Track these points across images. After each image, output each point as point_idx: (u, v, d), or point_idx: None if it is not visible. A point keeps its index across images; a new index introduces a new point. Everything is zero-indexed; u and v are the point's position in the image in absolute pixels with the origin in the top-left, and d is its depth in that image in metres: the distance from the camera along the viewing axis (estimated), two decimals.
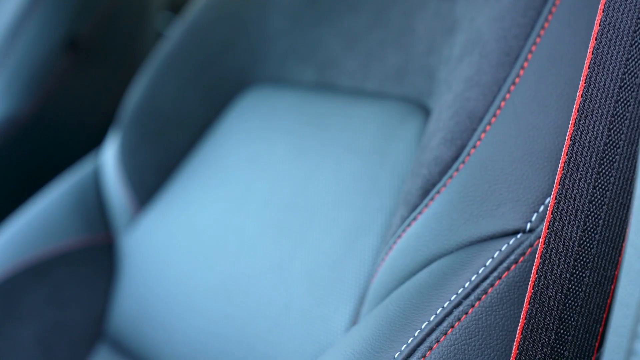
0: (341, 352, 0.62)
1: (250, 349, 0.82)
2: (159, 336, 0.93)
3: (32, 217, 1.08)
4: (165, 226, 0.99)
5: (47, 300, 1.04)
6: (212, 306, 0.88)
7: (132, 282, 1.00)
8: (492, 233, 0.63)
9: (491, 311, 0.61)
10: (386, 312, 0.63)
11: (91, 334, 1.06)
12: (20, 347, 1.03)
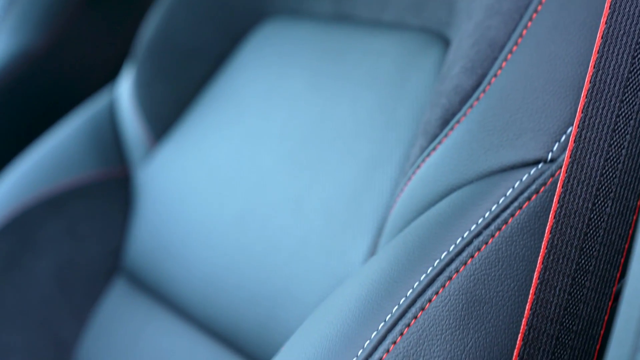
0: (359, 282, 0.61)
1: (266, 282, 0.81)
2: (175, 269, 0.93)
3: (47, 150, 1.08)
4: (180, 159, 0.98)
5: (63, 234, 1.04)
6: (228, 239, 0.87)
7: (148, 216, 1.00)
8: (513, 163, 0.63)
9: (511, 241, 0.60)
10: (405, 243, 0.63)
11: (107, 268, 1.06)
12: (36, 280, 1.04)
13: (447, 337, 0.58)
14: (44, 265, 1.04)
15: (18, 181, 1.06)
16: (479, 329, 0.58)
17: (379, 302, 0.59)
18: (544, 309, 0.57)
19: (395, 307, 0.58)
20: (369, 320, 0.58)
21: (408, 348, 0.57)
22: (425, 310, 0.58)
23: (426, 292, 0.59)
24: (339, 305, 0.61)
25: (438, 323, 0.58)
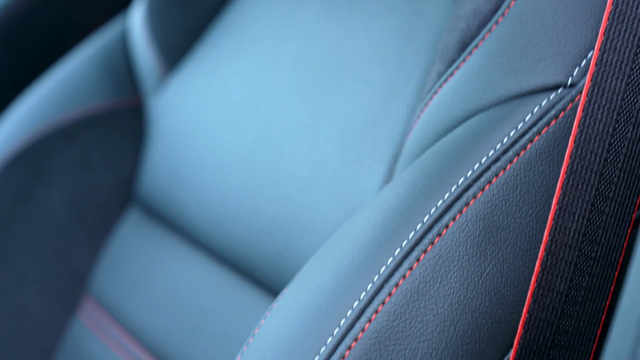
0: (375, 207, 0.61)
1: (280, 211, 0.81)
2: (188, 199, 0.92)
3: (60, 80, 1.07)
4: (194, 89, 0.97)
5: (76, 163, 1.04)
6: (242, 168, 0.87)
7: (162, 145, 0.99)
8: (532, 88, 0.61)
9: (530, 167, 0.59)
10: (421, 169, 0.62)
11: (121, 197, 1.06)
12: (50, 210, 1.03)
13: (464, 263, 0.57)
14: (57, 195, 1.03)
15: (30, 111, 1.05)
16: (496, 256, 0.58)
17: (395, 228, 0.58)
18: (562, 235, 0.56)
19: (412, 233, 0.58)
20: (385, 246, 0.58)
21: (424, 274, 0.57)
22: (442, 237, 0.57)
23: (443, 218, 0.58)
24: (354, 231, 0.60)
25: (455, 249, 0.57)
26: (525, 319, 0.56)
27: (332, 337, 0.56)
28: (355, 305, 0.56)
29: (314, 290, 0.58)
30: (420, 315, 0.56)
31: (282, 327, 0.58)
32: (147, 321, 0.93)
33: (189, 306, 0.89)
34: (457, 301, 0.56)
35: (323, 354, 0.55)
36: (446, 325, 0.56)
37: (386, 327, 0.55)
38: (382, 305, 0.56)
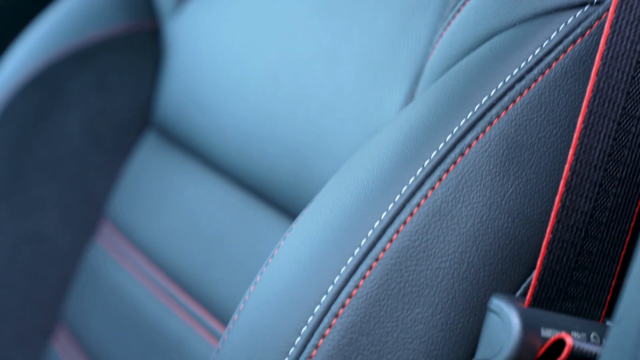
0: (397, 127, 0.60)
1: (300, 132, 0.80)
2: (206, 122, 0.91)
3: (76, 3, 1.06)
4: (211, 11, 0.96)
5: (93, 87, 1.03)
6: (260, 90, 0.86)
7: (179, 69, 0.98)
8: (558, 5, 0.60)
9: (555, 86, 0.58)
10: (444, 88, 0.61)
11: (138, 121, 1.05)
12: (67, 133, 1.03)
13: (487, 183, 0.56)
14: (74, 118, 1.03)
15: (47, 34, 1.04)
16: (519, 176, 0.57)
17: (417, 147, 0.58)
18: (587, 155, 0.56)
19: (434, 152, 0.57)
20: (407, 166, 0.57)
21: (447, 194, 0.56)
22: (465, 156, 0.57)
23: (466, 138, 0.57)
24: (375, 151, 0.59)
25: (478, 169, 0.56)
26: (548, 239, 0.55)
27: (352, 257, 0.55)
28: (376, 225, 0.56)
29: (334, 210, 0.58)
30: (442, 236, 0.55)
31: (302, 248, 0.58)
32: (164, 245, 0.93)
33: (207, 230, 0.88)
34: (480, 221, 0.56)
35: (344, 273, 0.55)
36: (468, 245, 0.55)
37: (407, 247, 0.55)
38: (403, 225, 0.55)
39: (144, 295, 0.93)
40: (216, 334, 0.83)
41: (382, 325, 0.54)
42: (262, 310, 0.57)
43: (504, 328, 0.52)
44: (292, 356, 0.54)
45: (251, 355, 0.55)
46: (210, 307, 0.84)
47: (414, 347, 0.54)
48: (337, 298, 0.54)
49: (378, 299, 0.54)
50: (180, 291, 0.89)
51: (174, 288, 0.90)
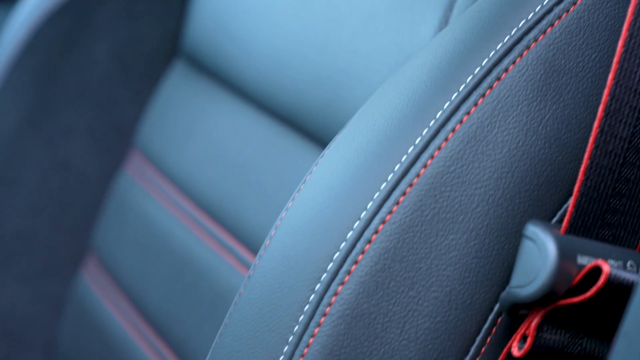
0: (431, 52, 0.59)
1: (330, 61, 0.79)
2: (236, 50, 0.90)
3: None
4: None
5: (121, 15, 1.02)
6: (291, 16, 0.84)
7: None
8: None
9: (594, 9, 0.57)
10: (480, 12, 0.59)
11: (167, 50, 1.04)
12: (95, 61, 1.02)
13: (524, 108, 0.55)
14: (102, 46, 1.02)
15: None
16: (557, 101, 0.56)
17: (452, 71, 0.56)
18: (627, 80, 0.54)
19: (470, 77, 0.56)
20: (442, 91, 0.56)
21: (482, 119, 0.55)
22: (501, 81, 0.55)
23: (503, 62, 0.56)
24: (409, 76, 0.58)
25: (514, 94, 0.55)
26: (586, 165, 0.54)
27: (386, 183, 0.54)
28: (410, 150, 0.55)
29: (367, 136, 0.57)
30: (477, 162, 0.54)
31: (334, 173, 0.57)
32: (193, 173, 0.92)
33: (236, 158, 0.88)
34: (516, 147, 0.55)
35: (377, 199, 0.54)
36: (504, 171, 0.55)
37: (442, 173, 0.54)
38: (438, 151, 0.54)
39: (173, 223, 0.93)
40: (245, 262, 0.82)
41: (416, 252, 0.53)
42: (293, 236, 0.56)
43: (540, 255, 0.52)
44: (324, 282, 0.53)
45: (283, 281, 0.55)
46: (239, 236, 0.84)
47: (447, 274, 0.53)
48: (370, 224, 0.54)
49: (412, 225, 0.53)
50: (209, 220, 0.89)
51: (203, 216, 0.90)
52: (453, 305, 0.53)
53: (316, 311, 0.53)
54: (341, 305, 0.53)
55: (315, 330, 0.53)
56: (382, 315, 0.53)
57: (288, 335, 0.54)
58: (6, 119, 1.03)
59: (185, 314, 0.87)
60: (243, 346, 0.55)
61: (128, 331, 0.95)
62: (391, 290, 0.53)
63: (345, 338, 0.53)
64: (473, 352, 0.54)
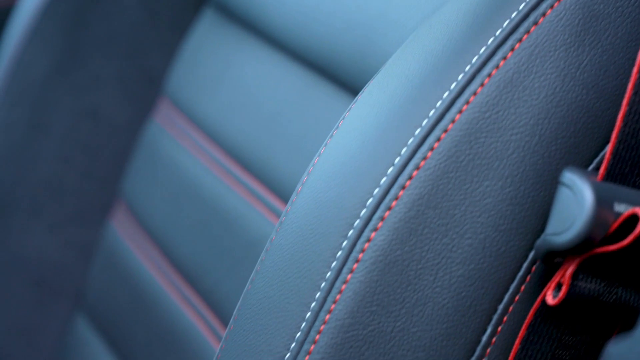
0: None
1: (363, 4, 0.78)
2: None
3: None
4: None
5: None
6: None
7: None
8: None
9: None
10: None
11: None
12: (124, 8, 1.02)
13: (561, 53, 0.54)
14: None
15: None
16: (595, 46, 0.55)
17: (489, 15, 0.55)
18: None
19: (507, 20, 0.55)
20: (478, 35, 0.55)
21: (519, 64, 0.54)
22: (539, 25, 0.54)
23: (541, 6, 0.55)
24: (445, 20, 0.57)
25: (552, 39, 0.54)
26: (624, 112, 0.53)
27: (420, 129, 0.54)
28: (445, 95, 0.54)
29: (401, 81, 0.56)
30: (513, 107, 0.54)
31: (368, 119, 0.56)
32: (223, 122, 0.92)
33: (266, 106, 0.87)
34: (553, 93, 0.54)
35: (411, 145, 0.53)
36: (540, 117, 0.54)
37: (477, 119, 0.53)
38: (473, 96, 0.54)
39: (203, 172, 0.93)
40: (275, 210, 0.82)
41: (450, 198, 0.53)
42: (326, 182, 0.56)
43: (576, 202, 0.51)
44: (357, 228, 0.53)
45: (315, 227, 0.55)
46: (270, 184, 0.84)
47: (482, 221, 0.53)
48: (404, 170, 0.53)
49: (446, 172, 0.53)
50: (239, 168, 0.88)
51: (233, 165, 0.89)
52: (487, 252, 0.53)
53: (349, 257, 0.53)
54: (374, 252, 0.52)
55: (347, 276, 0.52)
56: (415, 262, 0.52)
57: (320, 282, 0.53)
58: (35, 67, 1.03)
59: (215, 262, 0.87)
60: (275, 292, 0.55)
61: (157, 279, 0.95)
62: (425, 237, 0.53)
63: (378, 285, 0.52)
64: (507, 300, 0.53)
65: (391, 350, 0.52)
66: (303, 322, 0.53)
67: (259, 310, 0.56)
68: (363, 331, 0.52)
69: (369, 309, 0.52)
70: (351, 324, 0.52)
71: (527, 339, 0.53)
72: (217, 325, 0.85)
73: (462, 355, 0.53)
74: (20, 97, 1.04)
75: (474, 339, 0.53)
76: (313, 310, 0.53)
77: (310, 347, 0.53)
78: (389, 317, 0.52)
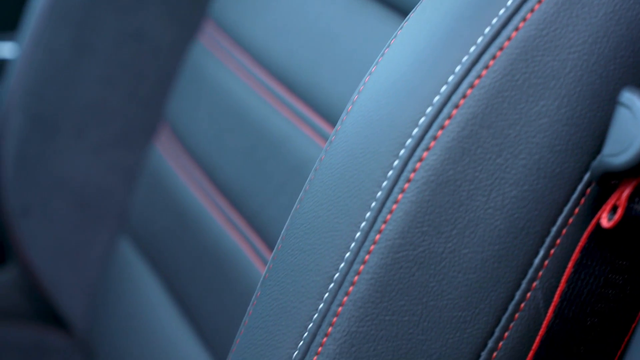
0: None
1: None
2: None
3: None
4: None
5: None
6: None
7: None
8: None
9: None
10: None
11: None
12: None
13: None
14: None
15: None
16: None
17: None
18: None
19: None
20: None
21: None
22: None
23: None
24: None
25: None
26: None
27: (475, 46, 0.52)
28: (501, 12, 0.52)
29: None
30: (571, 25, 0.52)
31: (420, 36, 0.55)
32: (269, 43, 0.91)
33: (314, 27, 0.86)
34: (612, 11, 0.52)
35: (466, 62, 0.52)
36: (599, 36, 0.52)
37: (534, 37, 0.52)
38: (530, 13, 0.52)
39: (248, 93, 0.92)
40: (322, 133, 0.81)
41: (505, 118, 0.52)
42: (377, 100, 0.55)
43: (635, 122, 0.49)
44: (409, 147, 0.52)
45: (366, 146, 0.54)
46: (316, 106, 0.83)
47: (537, 141, 0.52)
48: (458, 88, 0.52)
49: (501, 90, 0.52)
50: (285, 90, 0.87)
51: (279, 86, 0.88)
52: (541, 173, 0.52)
53: (400, 177, 0.52)
54: (426, 172, 0.52)
55: (399, 196, 0.52)
56: (467, 183, 0.52)
57: (370, 201, 0.53)
58: None
59: (259, 185, 0.87)
60: (324, 211, 0.54)
61: (201, 201, 0.95)
62: (478, 157, 0.52)
63: (430, 205, 0.52)
64: (560, 222, 0.52)
65: (442, 272, 0.52)
66: (352, 242, 0.53)
67: (307, 229, 0.55)
68: (413, 252, 0.52)
69: (419, 229, 0.52)
70: (401, 245, 0.52)
71: (580, 262, 0.53)
72: (261, 247, 0.84)
73: (513, 277, 0.52)
74: (65, 18, 1.03)
75: (526, 261, 0.52)
76: (363, 230, 0.52)
77: (359, 267, 0.52)
78: (440, 238, 0.52)
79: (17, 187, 1.08)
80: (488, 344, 0.52)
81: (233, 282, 0.87)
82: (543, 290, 0.52)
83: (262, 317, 0.56)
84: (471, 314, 0.52)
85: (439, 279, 0.52)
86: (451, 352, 0.52)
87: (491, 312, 0.52)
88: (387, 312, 0.52)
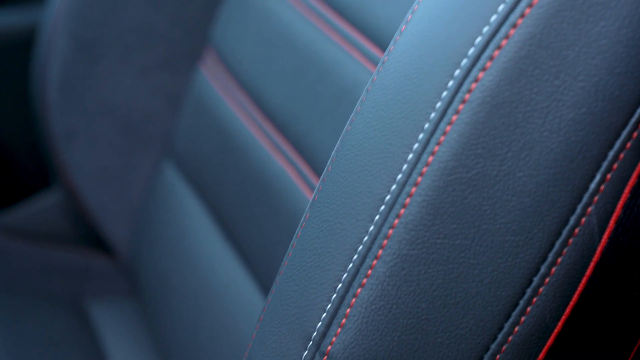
0: None
1: None
2: None
3: None
4: None
5: None
6: None
7: None
8: None
9: None
10: None
11: None
12: None
13: None
14: None
15: None
16: None
17: None
18: None
19: None
20: None
21: None
22: None
23: None
24: None
25: None
26: None
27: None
28: None
29: None
30: None
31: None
32: None
33: None
34: None
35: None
36: None
37: None
38: None
39: (296, 17, 0.91)
40: (370, 57, 0.80)
41: (563, 38, 0.50)
42: (432, 19, 0.53)
43: None
44: (464, 67, 0.51)
45: (420, 66, 0.53)
46: (365, 30, 0.82)
47: (596, 63, 0.50)
48: (516, 7, 0.50)
49: (560, 10, 0.50)
50: (335, 15, 0.86)
51: (328, 11, 0.87)
52: (600, 96, 0.51)
53: (454, 98, 0.51)
54: (481, 92, 0.50)
55: (453, 117, 0.51)
56: (524, 104, 0.50)
57: (424, 123, 0.52)
58: None
59: (306, 110, 0.86)
60: (376, 133, 0.54)
61: (247, 126, 0.95)
62: (535, 78, 0.50)
63: (485, 127, 0.50)
64: (618, 147, 0.51)
65: (495, 195, 0.51)
66: (405, 163, 0.52)
67: (358, 151, 0.54)
68: (467, 174, 0.51)
69: (473, 151, 0.51)
70: (455, 167, 0.51)
71: (637, 187, 0.51)
72: (308, 172, 0.84)
73: (568, 202, 0.51)
74: None
75: (581, 185, 0.51)
76: (415, 152, 0.52)
77: (411, 190, 0.51)
78: (495, 161, 0.51)
79: (61, 110, 1.08)
80: (541, 269, 0.51)
81: (278, 207, 0.87)
82: (598, 216, 0.51)
83: (310, 239, 0.55)
84: (524, 239, 0.51)
85: (492, 202, 0.51)
86: (503, 277, 0.51)
87: (544, 237, 0.51)
88: (439, 235, 0.51)
